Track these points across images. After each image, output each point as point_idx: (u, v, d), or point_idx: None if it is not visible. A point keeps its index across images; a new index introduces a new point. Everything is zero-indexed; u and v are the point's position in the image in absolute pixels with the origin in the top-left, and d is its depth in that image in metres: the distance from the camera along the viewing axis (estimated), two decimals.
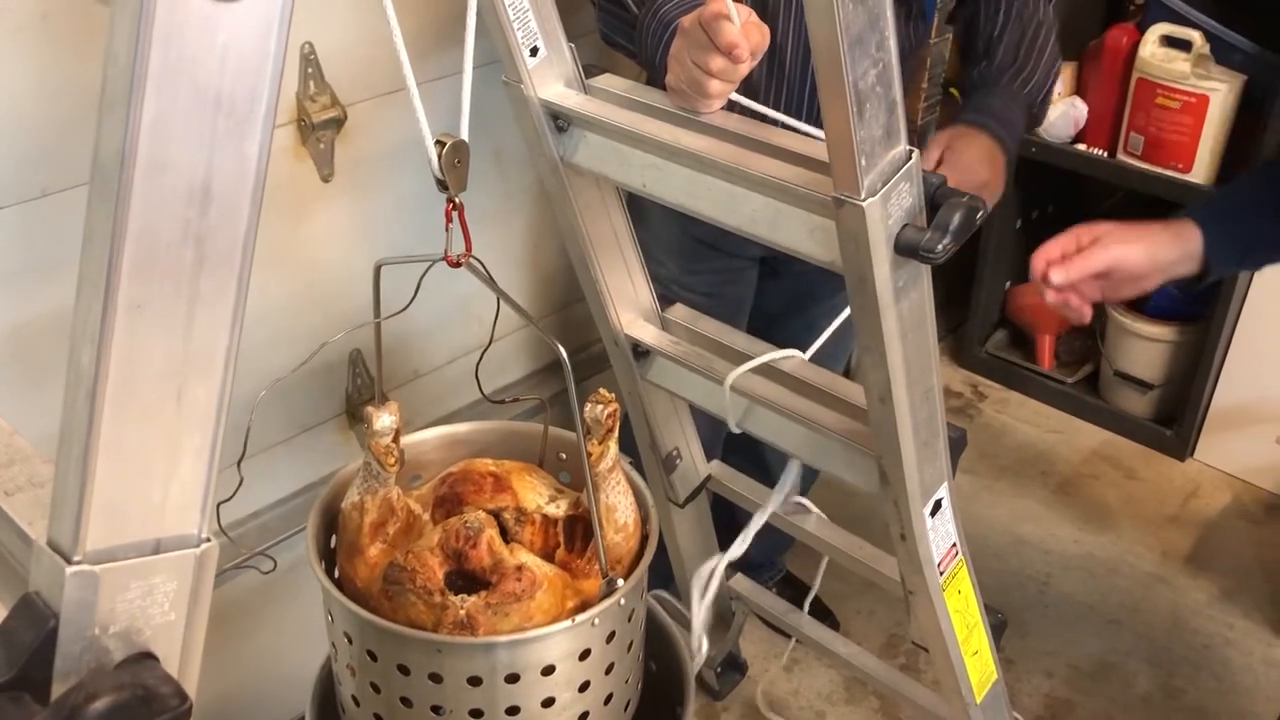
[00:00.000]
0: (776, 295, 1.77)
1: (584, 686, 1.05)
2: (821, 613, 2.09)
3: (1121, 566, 2.34)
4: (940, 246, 0.91)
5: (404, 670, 1.01)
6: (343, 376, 1.74)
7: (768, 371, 1.28)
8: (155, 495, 0.57)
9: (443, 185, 0.98)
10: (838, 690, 2.09)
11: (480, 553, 1.03)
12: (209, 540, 0.61)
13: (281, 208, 1.54)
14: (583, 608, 1.04)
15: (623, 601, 1.05)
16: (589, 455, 1.06)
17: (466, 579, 1.04)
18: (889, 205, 0.90)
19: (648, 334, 1.35)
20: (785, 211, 0.99)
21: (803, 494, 1.59)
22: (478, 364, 1.25)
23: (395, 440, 1.06)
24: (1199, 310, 2.51)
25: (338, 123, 1.52)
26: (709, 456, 1.57)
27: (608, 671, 1.07)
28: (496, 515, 1.11)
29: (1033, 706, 2.04)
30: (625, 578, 1.07)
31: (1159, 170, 2.37)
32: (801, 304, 1.74)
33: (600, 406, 1.09)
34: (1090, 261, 1.17)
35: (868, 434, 1.16)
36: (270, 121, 0.55)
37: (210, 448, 0.58)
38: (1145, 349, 2.63)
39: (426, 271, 1.07)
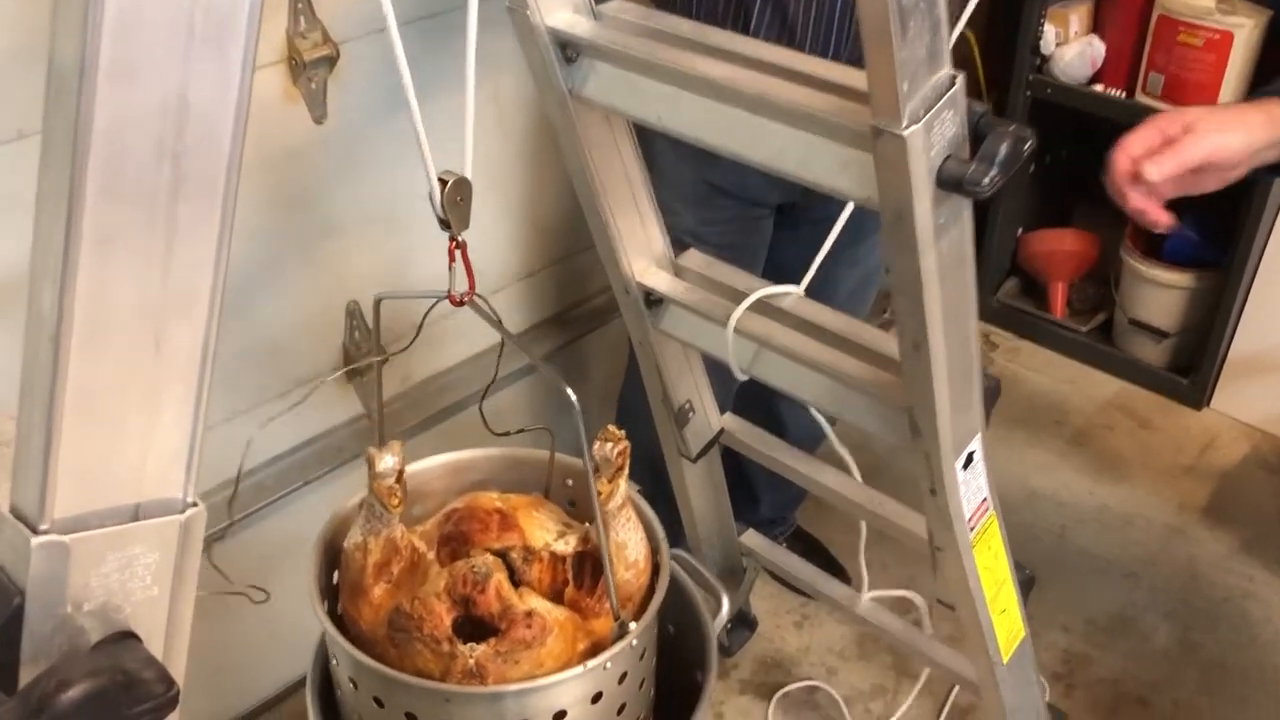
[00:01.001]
0: (794, 248, 1.70)
1: None
2: (832, 567, 2.04)
3: (1138, 519, 2.29)
4: (987, 179, 0.84)
5: (412, 718, 1.00)
6: (339, 329, 1.68)
7: (783, 317, 1.21)
8: (132, 455, 0.50)
9: (445, 224, 0.96)
10: (850, 646, 2.04)
11: (488, 598, 1.02)
12: (195, 505, 0.54)
13: (272, 153, 1.46)
14: (594, 649, 1.03)
15: (635, 642, 1.03)
16: (599, 494, 1.04)
17: (474, 624, 1.02)
18: (931, 135, 0.83)
19: (661, 281, 1.28)
20: (815, 144, 0.92)
21: (813, 448, 1.53)
22: (482, 401, 1.22)
23: (398, 480, 1.04)
24: (1218, 256, 2.44)
25: (330, 61, 1.44)
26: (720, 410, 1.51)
27: (620, 712, 1.06)
28: (503, 555, 1.09)
29: (1050, 662, 2.00)
30: (637, 613, 1.05)
31: None
32: (824, 258, 1.66)
33: (609, 445, 1.06)
34: (1186, 154, 1.04)
35: (897, 384, 1.10)
36: (255, 25, 0.47)
37: (194, 400, 0.51)
38: (1161, 296, 2.56)
39: (430, 310, 1.07)
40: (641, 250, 1.27)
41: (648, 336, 1.33)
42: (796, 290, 1.23)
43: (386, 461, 1.03)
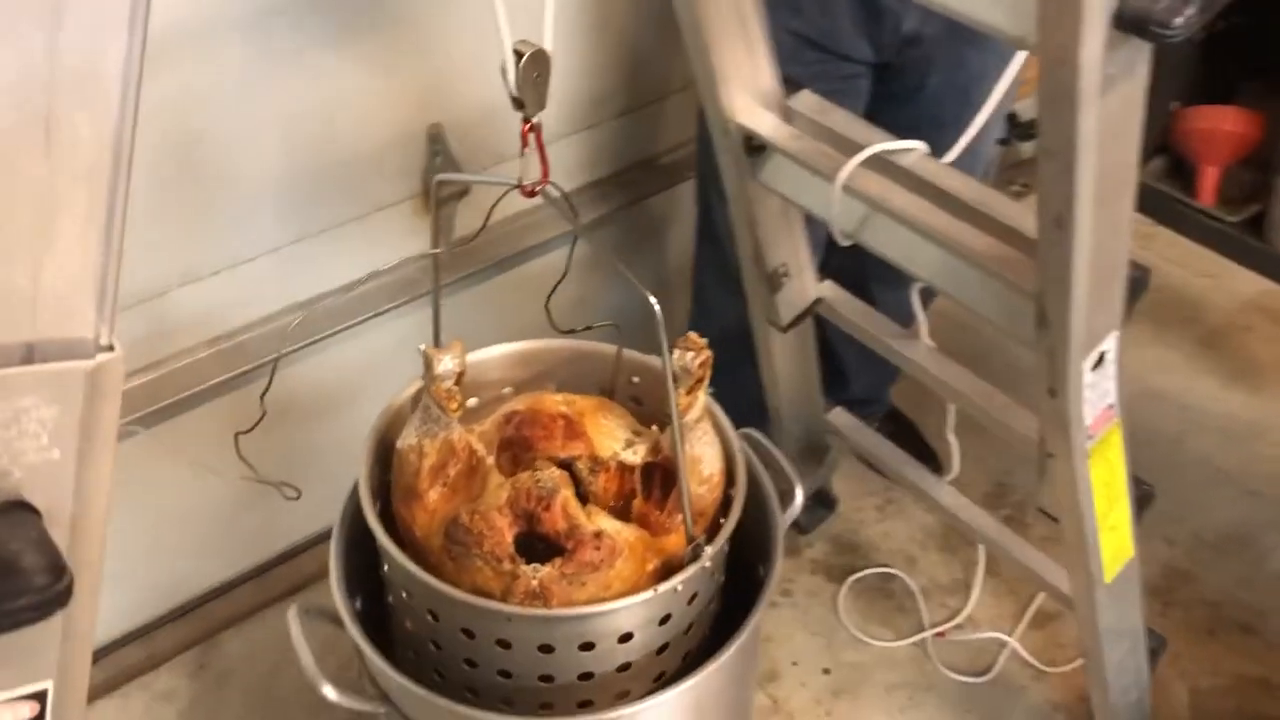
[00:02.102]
0: (893, 123, 1.51)
1: (662, 649, 0.99)
2: (924, 453, 1.91)
3: (1268, 431, 2.10)
4: (1180, 19, 0.67)
5: (469, 634, 0.96)
6: (421, 154, 1.56)
7: (902, 177, 1.06)
8: (18, 279, 0.38)
9: (518, 104, 0.86)
10: (933, 537, 1.92)
11: (554, 516, 0.95)
12: (111, 348, 0.42)
13: None
14: (664, 567, 0.97)
15: (708, 564, 0.97)
16: (678, 407, 0.95)
17: (537, 539, 0.96)
18: None
19: (765, 124, 1.13)
20: None
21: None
22: (549, 299, 1.13)
23: (458, 383, 0.98)
24: None
25: None
26: None
27: (686, 631, 1.01)
28: (568, 464, 1.02)
29: (1148, 575, 1.84)
30: (709, 529, 0.99)
31: None
32: (926, 133, 1.46)
33: (690, 354, 0.98)
34: None
35: (1026, 265, 0.94)
36: None
37: (106, 213, 0.39)
38: None
39: (498, 201, 1.00)
40: (745, 85, 1.11)
41: (744, 188, 1.19)
42: (921, 147, 1.07)
43: (446, 364, 0.96)
